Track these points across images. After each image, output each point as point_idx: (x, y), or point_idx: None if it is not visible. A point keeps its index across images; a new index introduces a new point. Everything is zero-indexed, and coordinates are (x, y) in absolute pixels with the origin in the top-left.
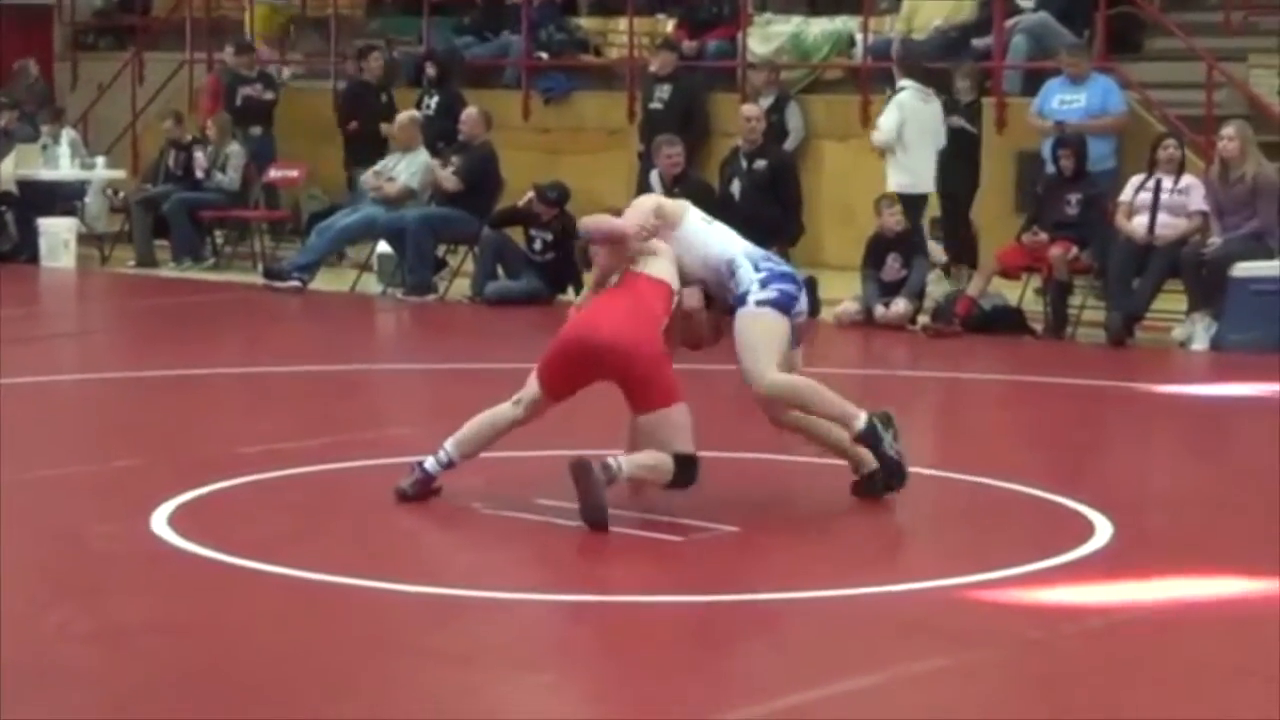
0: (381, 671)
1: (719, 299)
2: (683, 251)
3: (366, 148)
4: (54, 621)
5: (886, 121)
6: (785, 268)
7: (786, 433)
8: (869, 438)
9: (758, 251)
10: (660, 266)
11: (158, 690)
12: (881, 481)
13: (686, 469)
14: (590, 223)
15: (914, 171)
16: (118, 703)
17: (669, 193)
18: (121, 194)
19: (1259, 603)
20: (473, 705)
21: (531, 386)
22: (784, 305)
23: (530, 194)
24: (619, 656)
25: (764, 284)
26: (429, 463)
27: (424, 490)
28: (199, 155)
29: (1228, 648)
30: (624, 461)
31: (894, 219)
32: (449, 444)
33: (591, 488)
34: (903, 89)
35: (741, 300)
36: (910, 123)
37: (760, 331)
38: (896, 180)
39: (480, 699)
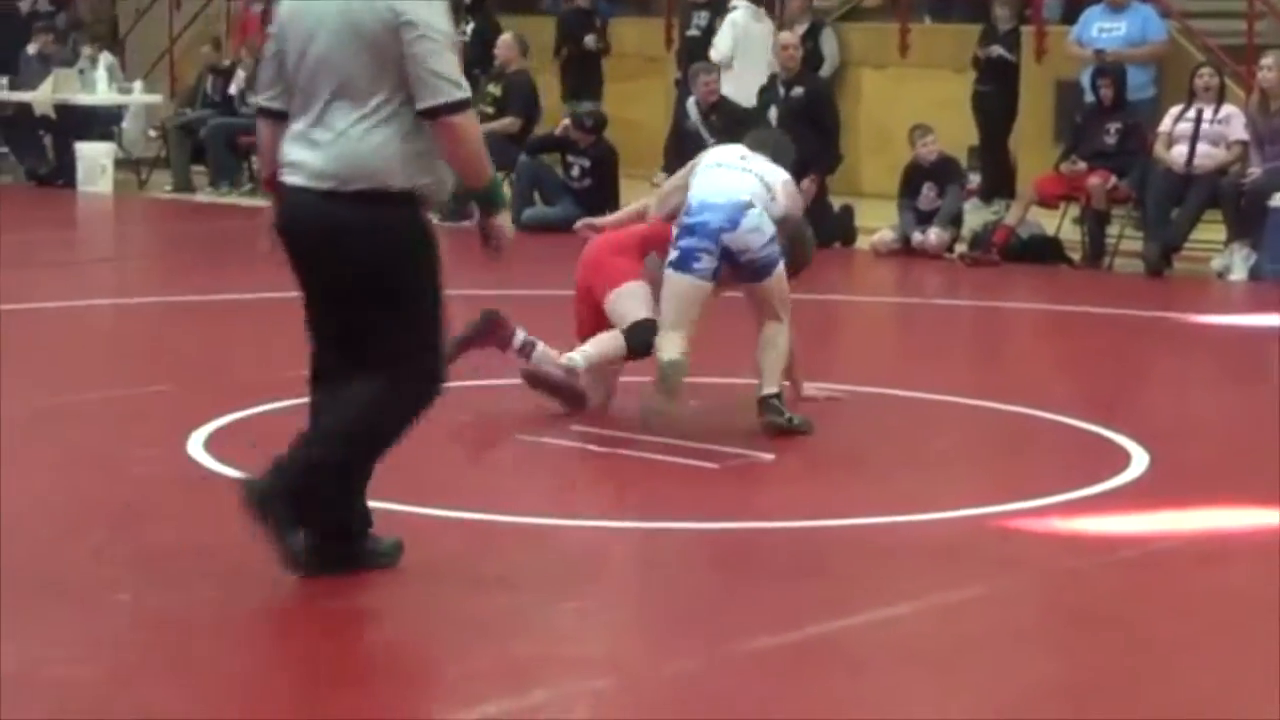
0: (420, 597)
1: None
2: None
3: None
4: (91, 544)
5: (721, 39)
6: (698, 217)
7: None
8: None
9: (692, 201)
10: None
11: (193, 613)
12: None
13: (636, 332)
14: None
15: (743, 85)
16: (153, 624)
17: (706, 120)
18: (161, 123)
19: None
20: (508, 629)
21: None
22: (683, 263)
23: (566, 121)
24: (654, 582)
25: (672, 245)
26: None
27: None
28: (238, 76)
29: (1262, 579)
30: (578, 355)
31: (929, 148)
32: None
33: (555, 384)
34: (734, 8)
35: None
36: (742, 41)
37: (664, 295)
38: (727, 91)
39: (517, 624)
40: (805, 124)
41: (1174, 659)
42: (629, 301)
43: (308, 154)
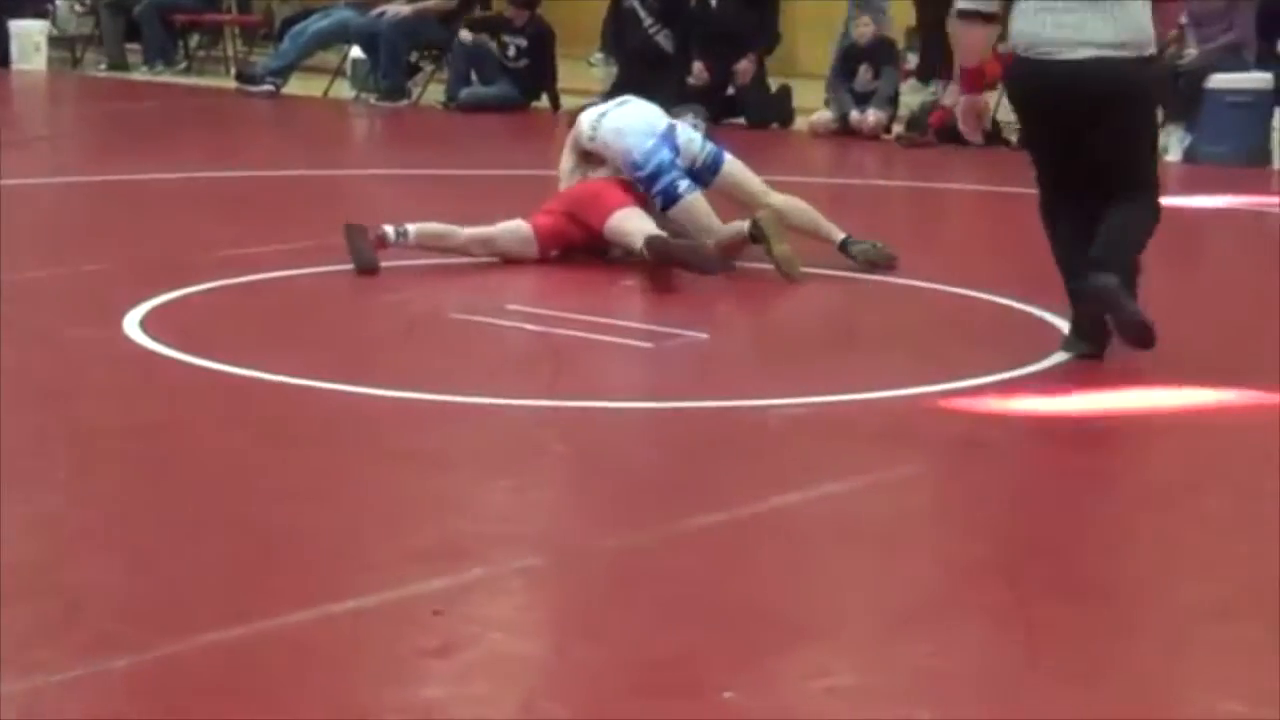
0: (352, 473)
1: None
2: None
3: None
4: (30, 424)
5: None
6: (652, 161)
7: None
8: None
9: (627, 160)
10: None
11: (132, 490)
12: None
13: (656, 244)
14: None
15: None
16: (89, 502)
17: (643, 1)
18: (89, 1)
19: (1226, 414)
20: (444, 507)
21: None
22: (673, 195)
23: None
24: (588, 462)
25: (652, 197)
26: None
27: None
28: None
29: (1192, 455)
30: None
31: (865, 29)
32: None
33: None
34: None
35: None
36: None
37: (685, 220)
38: None
39: (451, 501)
40: (743, 3)
41: (1105, 533)
42: (635, 220)
43: (1099, 28)
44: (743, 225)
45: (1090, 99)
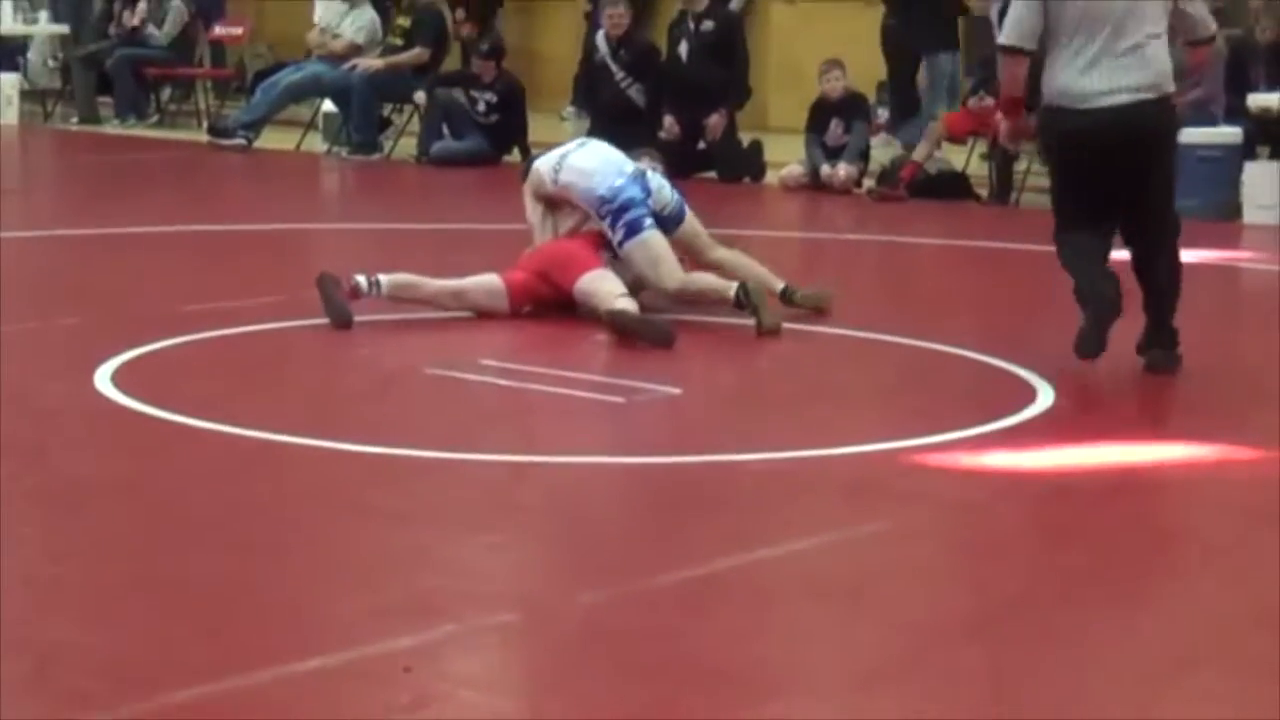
0: (325, 529)
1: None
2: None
3: None
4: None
5: None
6: (622, 196)
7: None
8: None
9: (594, 195)
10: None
11: (102, 545)
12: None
13: (617, 318)
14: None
15: None
16: (61, 557)
17: (614, 54)
18: (61, 55)
19: (1196, 468)
20: (415, 563)
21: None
22: (637, 229)
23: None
24: (560, 517)
25: (614, 229)
26: None
27: None
28: (139, 7)
29: (1164, 512)
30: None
31: (836, 83)
32: None
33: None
34: None
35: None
36: None
37: (643, 260)
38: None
39: (423, 557)
40: (715, 58)
41: (1077, 591)
42: (603, 283)
43: (1133, 74)
44: (727, 286)
45: (1130, 141)
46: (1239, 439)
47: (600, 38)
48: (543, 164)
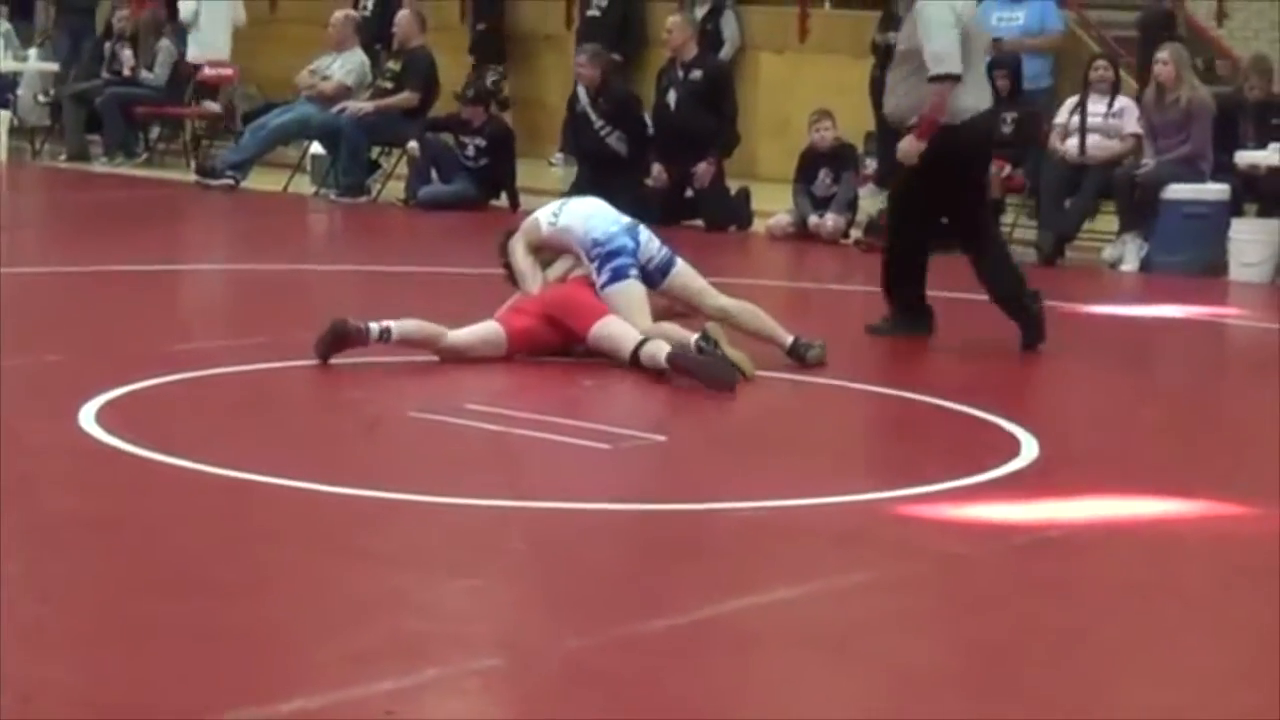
0: (308, 570)
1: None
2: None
3: None
4: None
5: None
6: (614, 243)
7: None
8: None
9: (588, 238)
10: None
11: (85, 585)
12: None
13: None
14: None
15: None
16: (44, 596)
17: (593, 103)
18: (51, 92)
19: (1179, 523)
20: (398, 606)
21: None
22: (621, 275)
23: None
24: (545, 563)
25: (599, 271)
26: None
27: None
28: (127, 52)
29: (1150, 566)
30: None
31: (825, 134)
32: None
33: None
34: None
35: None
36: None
37: (622, 303)
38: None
39: (406, 601)
40: (704, 106)
41: (1063, 645)
42: (621, 326)
43: (988, 94)
44: (688, 337)
45: (985, 152)
46: (1224, 494)
47: (580, 87)
48: (540, 213)
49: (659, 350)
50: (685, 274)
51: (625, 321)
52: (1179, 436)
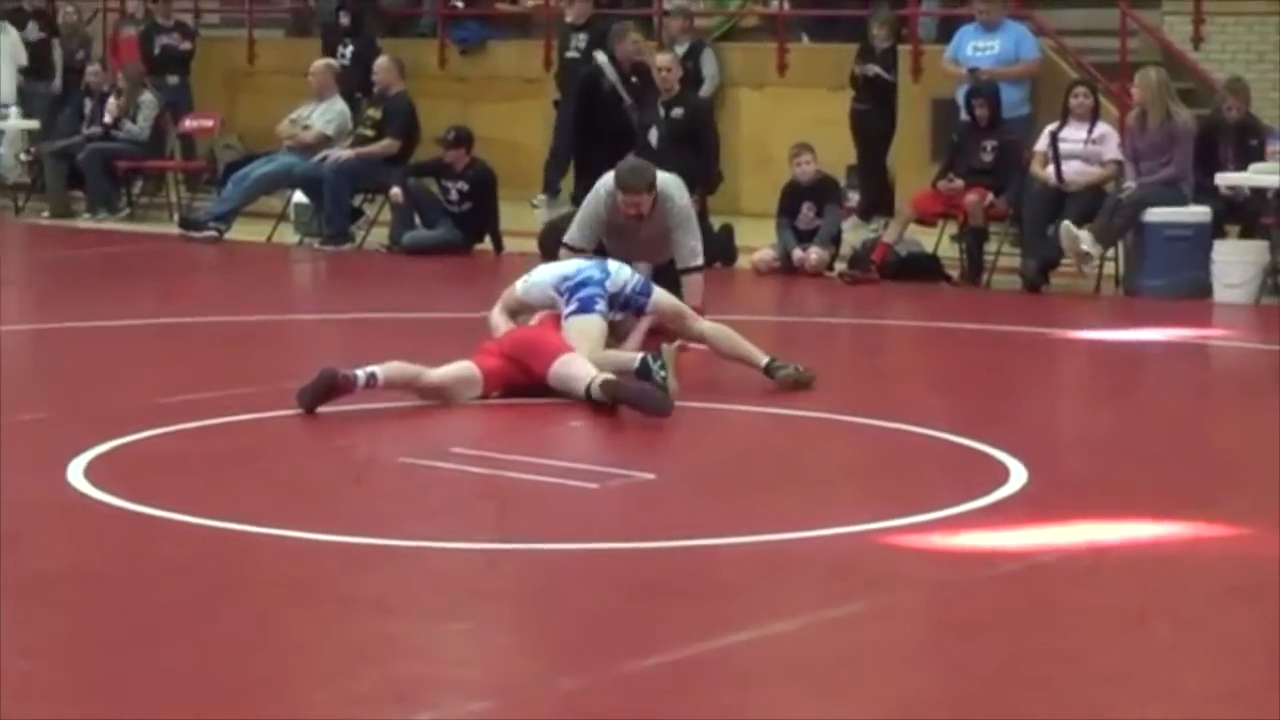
0: (300, 618)
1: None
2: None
3: None
4: None
5: None
6: (582, 275)
7: None
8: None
9: (558, 276)
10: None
11: (75, 639)
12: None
13: (611, 389)
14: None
15: None
16: (32, 650)
17: (625, 81)
18: (33, 149)
19: (1169, 546)
20: (391, 652)
21: None
22: (588, 307)
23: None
24: (535, 604)
25: (568, 302)
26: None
27: None
28: (110, 104)
29: (1139, 591)
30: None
31: (806, 167)
32: None
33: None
34: None
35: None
36: None
37: (575, 334)
38: None
39: (399, 646)
40: (686, 144)
41: (1054, 672)
42: (576, 365)
43: None
44: (632, 359)
45: None
46: (1210, 517)
47: (605, 62)
48: (518, 283)
49: (604, 381)
50: (665, 301)
51: (580, 356)
52: (1167, 459)
